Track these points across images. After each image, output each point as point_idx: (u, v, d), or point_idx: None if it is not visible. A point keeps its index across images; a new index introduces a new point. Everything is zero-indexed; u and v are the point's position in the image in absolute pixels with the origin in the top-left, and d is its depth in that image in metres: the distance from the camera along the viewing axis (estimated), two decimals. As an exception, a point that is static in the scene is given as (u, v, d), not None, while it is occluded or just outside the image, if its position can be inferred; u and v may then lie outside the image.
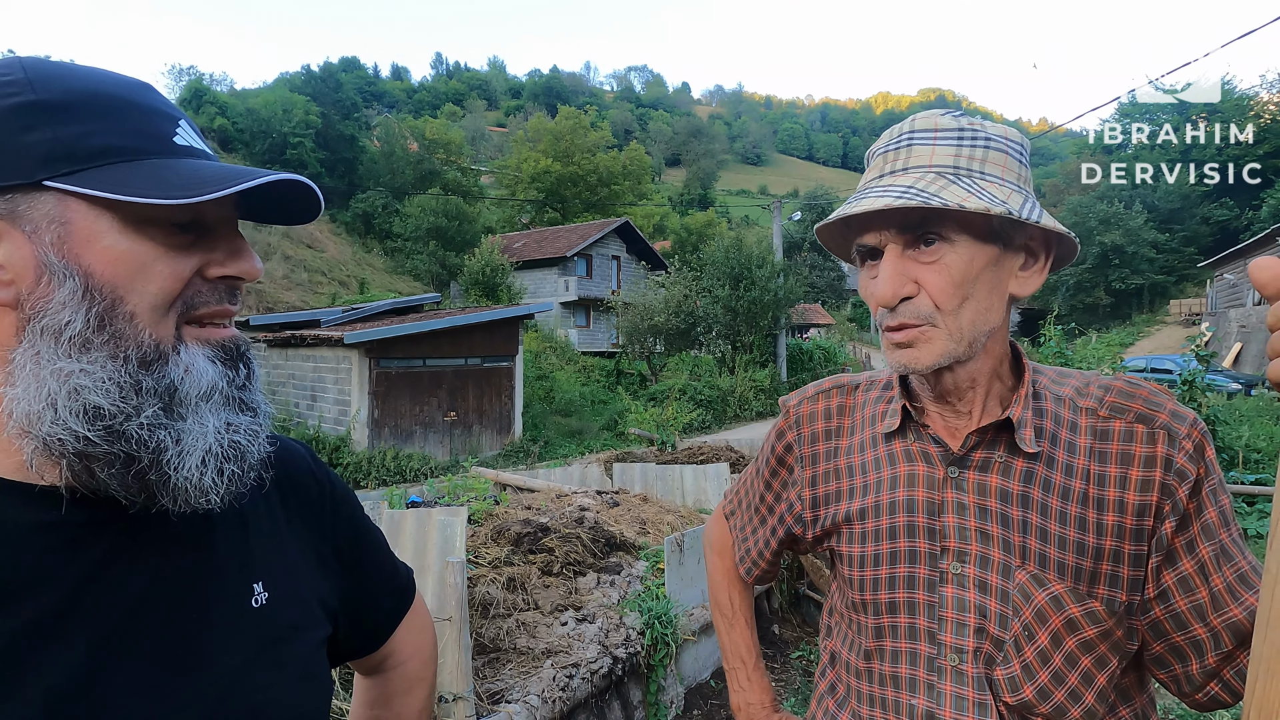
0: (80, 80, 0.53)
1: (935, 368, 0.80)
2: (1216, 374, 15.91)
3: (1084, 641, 0.79)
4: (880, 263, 0.80)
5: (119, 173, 0.51)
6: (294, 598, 0.67)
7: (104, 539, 0.54)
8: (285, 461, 0.72)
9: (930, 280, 0.78)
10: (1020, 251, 0.81)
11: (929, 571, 0.85)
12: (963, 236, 0.77)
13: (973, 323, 0.79)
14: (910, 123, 0.83)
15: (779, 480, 1.05)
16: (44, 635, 0.50)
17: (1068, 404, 0.84)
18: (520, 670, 2.81)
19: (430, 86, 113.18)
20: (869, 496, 0.91)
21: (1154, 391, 0.82)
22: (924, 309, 0.78)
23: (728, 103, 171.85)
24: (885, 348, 0.83)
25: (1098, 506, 0.79)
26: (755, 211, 59.14)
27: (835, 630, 1.00)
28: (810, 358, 23.14)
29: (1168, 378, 13.36)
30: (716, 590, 1.19)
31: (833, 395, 1.02)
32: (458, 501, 4.85)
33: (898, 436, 0.91)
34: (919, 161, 0.79)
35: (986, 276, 0.79)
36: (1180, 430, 0.78)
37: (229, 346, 0.59)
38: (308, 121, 34.02)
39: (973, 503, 0.84)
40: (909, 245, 0.78)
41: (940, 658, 0.84)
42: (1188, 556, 0.77)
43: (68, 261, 0.51)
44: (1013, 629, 0.80)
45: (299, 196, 0.59)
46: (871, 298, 0.82)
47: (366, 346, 12.28)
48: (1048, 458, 0.82)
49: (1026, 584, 0.80)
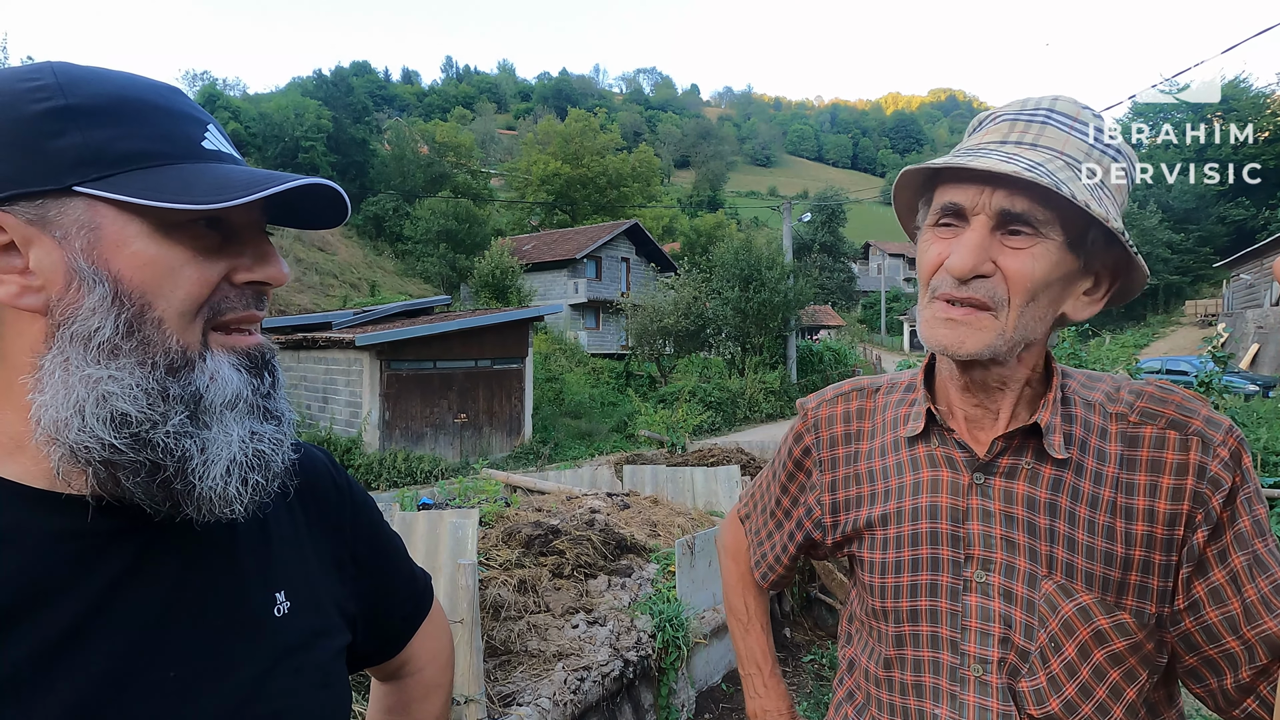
0: (109, 85, 0.53)
1: (974, 358, 0.76)
2: (1233, 375, 15.70)
3: (1113, 654, 0.76)
4: (962, 230, 0.75)
5: (148, 178, 0.51)
6: (314, 606, 0.67)
7: (128, 548, 0.55)
8: (306, 469, 0.72)
9: (1013, 267, 0.73)
10: (1092, 275, 0.78)
11: (952, 580, 0.83)
12: (1059, 237, 0.73)
13: (1026, 326, 0.75)
14: (1052, 101, 0.77)
15: (796, 484, 1.02)
16: (69, 643, 0.50)
17: (1098, 410, 0.81)
18: (531, 673, 2.81)
19: (440, 90, 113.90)
20: (890, 502, 0.89)
21: (1187, 397, 0.79)
22: (997, 292, 0.74)
23: (737, 104, 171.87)
24: (927, 322, 0.78)
25: (1127, 515, 0.76)
26: (765, 213, 59.02)
27: (855, 637, 0.98)
28: (820, 359, 23.04)
29: (1183, 379, 13.21)
30: (731, 595, 1.16)
31: (852, 398, 0.99)
32: (468, 503, 4.86)
33: (921, 441, 0.88)
34: (1051, 144, 0.74)
35: (1057, 287, 0.76)
36: (1215, 437, 0.75)
37: (254, 354, 0.59)
38: (319, 125, 34.22)
39: (998, 510, 0.81)
40: (999, 226, 0.74)
41: (963, 668, 0.82)
42: (1219, 566, 0.74)
43: (97, 267, 0.50)
44: (1038, 640, 0.78)
45: (327, 201, 0.59)
46: (932, 263, 0.77)
47: (378, 349, 12.35)
48: (1077, 465, 0.79)
49: (1053, 594, 0.77)
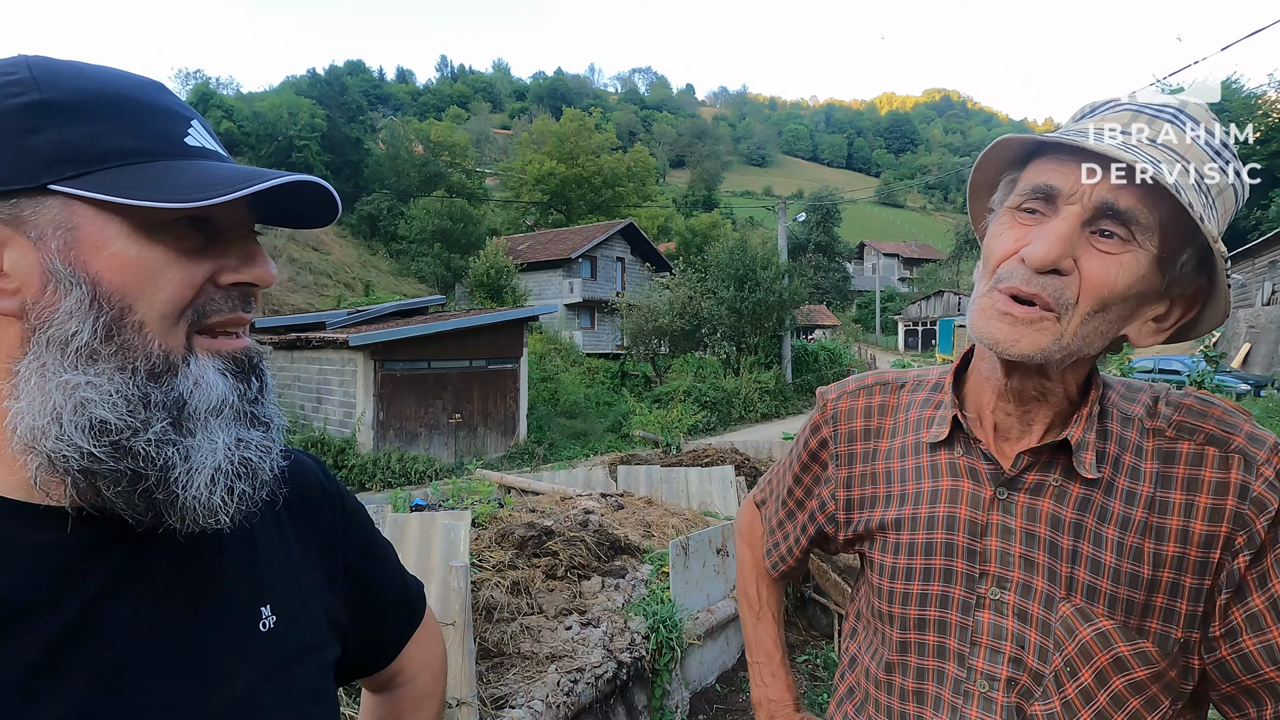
0: (88, 79, 0.51)
1: (1024, 360, 0.71)
2: (1225, 375, 15.79)
3: (1133, 683, 0.73)
4: (1047, 219, 0.70)
5: (128, 176, 0.49)
6: (303, 618, 0.65)
7: (111, 560, 0.53)
8: (296, 477, 0.69)
9: (1095, 270, 0.68)
10: (1168, 300, 0.73)
11: (965, 594, 0.80)
12: (1153, 250, 0.68)
13: (1085, 338, 0.70)
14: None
15: (810, 475, 1.00)
16: (52, 660, 0.48)
17: (1135, 425, 0.77)
18: (524, 675, 2.80)
19: (435, 89, 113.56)
20: (906, 507, 0.86)
21: (1229, 411, 0.74)
22: (1066, 294, 0.69)
23: (732, 104, 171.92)
24: (983, 312, 0.73)
25: (1157, 536, 0.72)
26: (760, 213, 59.09)
27: (860, 634, 0.96)
28: (815, 359, 23.11)
29: (1176, 379, 13.29)
30: (745, 581, 1.14)
31: (875, 392, 0.95)
32: (462, 504, 4.85)
33: (944, 447, 0.84)
34: (1173, 143, 0.69)
35: (1132, 303, 0.71)
36: (1259, 455, 0.70)
37: (240, 359, 0.56)
38: (313, 125, 34.10)
39: (1020, 528, 0.78)
40: (1092, 221, 0.68)
41: (969, 682, 0.80)
42: (1259, 592, 0.70)
43: (74, 269, 0.48)
44: (1053, 663, 0.75)
45: (316, 199, 0.56)
46: (1005, 250, 0.72)
47: (372, 349, 12.31)
48: (1108, 484, 0.75)
49: (1071, 618, 0.74)
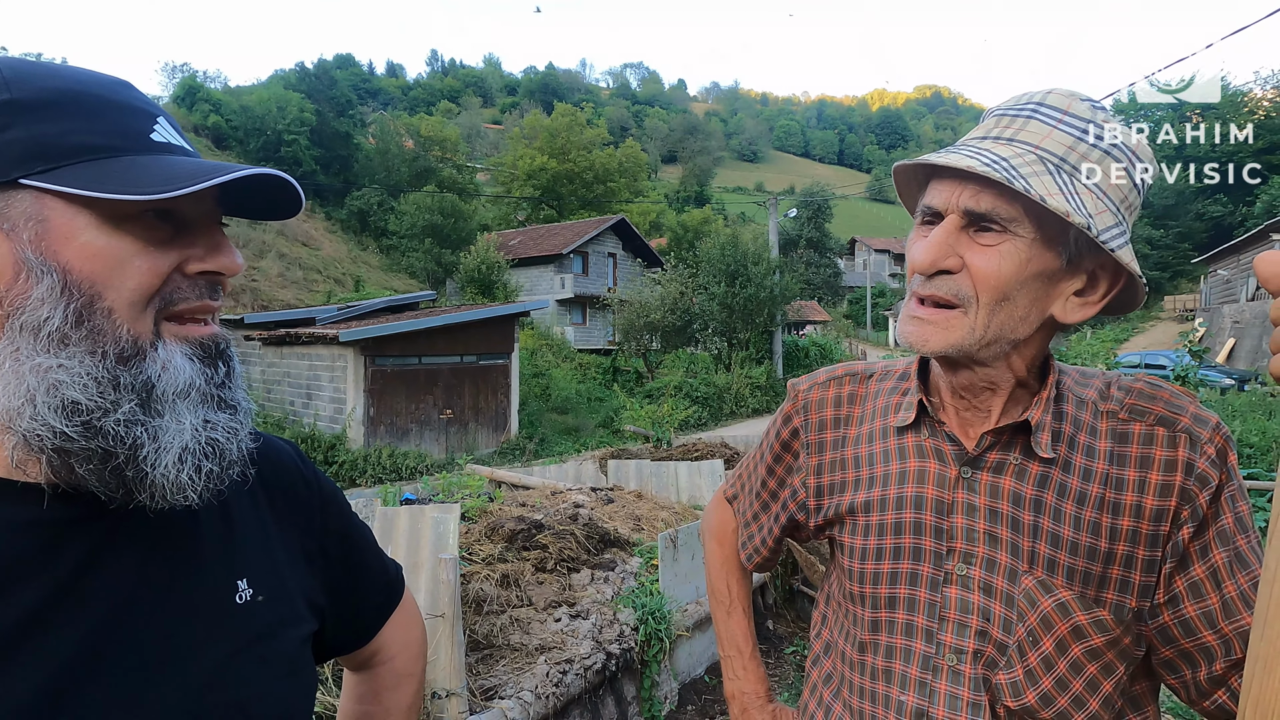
0: (57, 79, 0.54)
1: (941, 355, 0.77)
2: (1210, 369, 15.98)
3: (1090, 649, 0.77)
4: (935, 227, 0.76)
5: (95, 170, 0.52)
6: (280, 594, 0.67)
7: (87, 536, 0.55)
8: (272, 460, 0.73)
9: (978, 264, 0.73)
10: (1082, 275, 0.76)
11: (933, 570, 0.84)
12: (1029, 235, 0.72)
13: (1000, 326, 0.75)
14: (1045, 95, 0.76)
15: (782, 465, 1.03)
16: (28, 633, 0.51)
17: (1089, 407, 0.81)
18: (514, 666, 2.81)
19: (426, 84, 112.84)
20: (875, 489, 0.89)
21: (1176, 394, 0.79)
22: (963, 290, 0.74)
23: (724, 99, 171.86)
24: (900, 319, 0.79)
25: (1113, 511, 0.77)
26: (751, 208, 59.10)
27: (830, 618, 0.99)
28: (806, 354, 23.19)
29: (1161, 373, 13.38)
30: (714, 577, 1.16)
31: (845, 382, 0.98)
32: (452, 499, 4.85)
33: (910, 431, 0.88)
34: (1029, 138, 0.73)
35: (1035, 286, 0.74)
36: (1203, 434, 0.75)
37: (208, 344, 0.59)
38: (302, 119, 33.89)
39: (983, 505, 0.82)
40: (970, 224, 0.74)
41: (937, 656, 0.83)
42: (1200, 562, 0.75)
43: (45, 258, 0.51)
44: (1016, 634, 0.79)
45: (281, 192, 0.59)
46: (911, 261, 0.78)
47: (362, 344, 12.27)
48: (1064, 462, 0.79)
49: (1033, 589, 0.78)
